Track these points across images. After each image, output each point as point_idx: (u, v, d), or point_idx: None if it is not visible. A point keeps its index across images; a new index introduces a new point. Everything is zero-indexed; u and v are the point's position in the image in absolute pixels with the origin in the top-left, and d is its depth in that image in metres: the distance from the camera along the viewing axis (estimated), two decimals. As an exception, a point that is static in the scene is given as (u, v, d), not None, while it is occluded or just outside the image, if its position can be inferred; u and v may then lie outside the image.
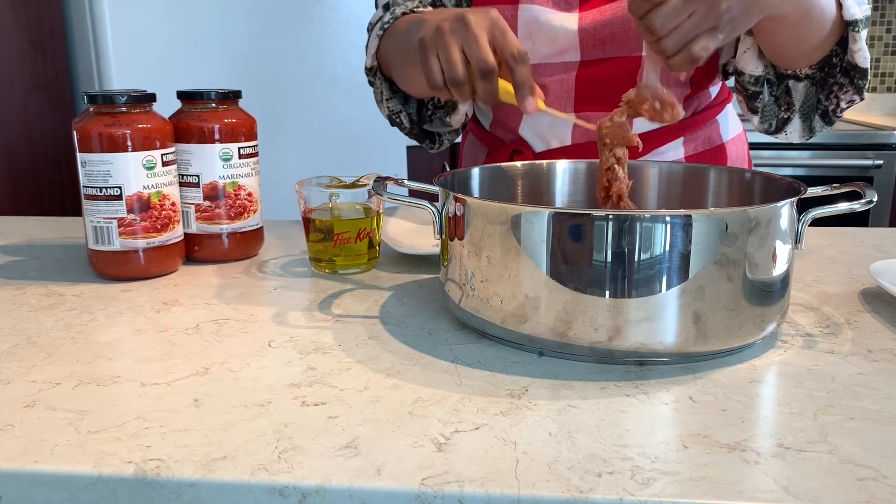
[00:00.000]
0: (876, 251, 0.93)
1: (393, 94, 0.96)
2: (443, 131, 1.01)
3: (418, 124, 1.00)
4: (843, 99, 0.88)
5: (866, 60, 0.84)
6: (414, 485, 0.42)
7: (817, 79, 0.90)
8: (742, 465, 0.44)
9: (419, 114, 0.99)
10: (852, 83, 0.87)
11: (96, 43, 1.72)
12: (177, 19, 1.80)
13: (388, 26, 0.90)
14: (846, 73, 0.87)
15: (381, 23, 0.91)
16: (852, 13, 0.82)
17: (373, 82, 0.96)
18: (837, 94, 0.89)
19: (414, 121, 0.99)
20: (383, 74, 0.95)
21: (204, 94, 0.86)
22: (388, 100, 0.96)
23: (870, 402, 0.52)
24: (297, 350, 0.62)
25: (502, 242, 0.58)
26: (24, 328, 0.68)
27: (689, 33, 0.67)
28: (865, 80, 0.86)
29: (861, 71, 0.85)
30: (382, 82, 0.95)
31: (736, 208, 0.55)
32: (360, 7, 2.05)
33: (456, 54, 0.68)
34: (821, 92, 0.91)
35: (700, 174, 0.77)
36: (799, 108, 0.92)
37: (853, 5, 0.82)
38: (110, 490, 0.44)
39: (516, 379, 0.56)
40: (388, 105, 0.97)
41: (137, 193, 0.79)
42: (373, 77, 0.95)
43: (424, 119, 1.00)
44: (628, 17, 0.90)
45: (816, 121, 0.92)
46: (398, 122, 0.98)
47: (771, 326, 0.60)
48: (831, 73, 0.89)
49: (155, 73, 1.78)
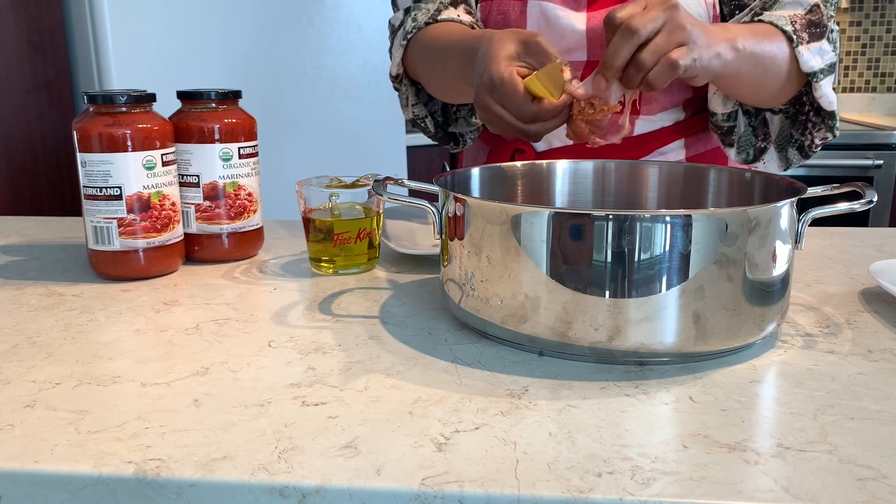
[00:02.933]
0: (876, 251, 0.93)
1: (417, 99, 0.99)
2: (466, 131, 1.03)
3: (443, 127, 1.03)
4: (816, 136, 0.92)
5: (831, 104, 0.88)
6: (414, 485, 0.42)
7: (790, 113, 0.93)
8: (742, 465, 0.44)
9: (444, 115, 1.02)
10: (824, 122, 0.90)
11: (96, 43, 1.72)
12: (177, 19, 1.80)
13: (411, 36, 0.92)
14: (818, 112, 0.90)
15: (404, 31, 0.93)
16: (811, 66, 0.85)
17: (398, 88, 0.99)
18: (812, 131, 0.92)
19: (439, 123, 1.02)
20: (409, 80, 0.97)
21: (204, 94, 0.86)
22: (413, 105, 0.99)
23: (870, 402, 0.52)
24: (297, 350, 0.62)
25: (502, 242, 0.58)
26: (24, 328, 0.68)
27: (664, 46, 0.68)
28: (835, 121, 0.90)
29: (828, 114, 0.89)
30: (408, 87, 0.98)
31: (736, 208, 0.55)
32: (360, 7, 2.05)
33: (507, 117, 0.73)
34: (793, 127, 0.94)
35: (700, 174, 0.77)
36: (775, 140, 0.95)
37: (811, 58, 0.84)
38: (110, 490, 0.44)
39: (516, 379, 0.56)
40: (414, 110, 1.00)
41: (137, 193, 0.79)
42: (398, 83, 0.97)
43: (450, 121, 1.03)
44: None
45: (793, 153, 0.95)
46: (423, 126, 1.01)
47: (771, 326, 0.60)
48: (802, 111, 0.92)
49: (155, 73, 1.78)
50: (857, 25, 2.77)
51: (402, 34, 0.94)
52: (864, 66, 2.80)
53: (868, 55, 2.79)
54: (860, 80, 2.82)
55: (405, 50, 0.95)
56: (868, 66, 2.80)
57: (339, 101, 2.08)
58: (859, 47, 2.79)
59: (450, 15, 0.94)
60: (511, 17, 0.95)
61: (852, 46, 2.79)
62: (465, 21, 0.93)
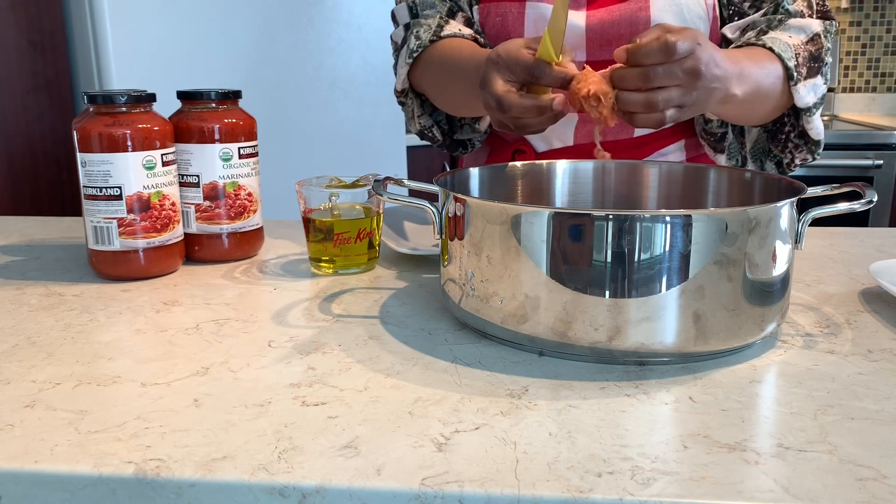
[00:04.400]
0: (876, 251, 0.93)
1: (423, 110, 1.00)
2: (472, 136, 1.05)
3: (450, 135, 1.04)
4: (797, 156, 0.93)
5: (819, 135, 0.89)
6: (414, 485, 0.42)
7: (768, 128, 0.94)
8: (742, 465, 0.44)
9: (450, 124, 1.04)
10: (807, 146, 0.92)
11: (96, 43, 1.72)
12: (177, 19, 1.80)
13: (416, 55, 0.94)
14: (801, 135, 0.91)
15: (409, 50, 0.95)
16: (805, 102, 0.85)
17: (404, 102, 1.00)
18: (793, 152, 0.93)
19: (445, 132, 1.03)
20: (414, 93, 0.98)
21: (204, 94, 0.86)
22: (419, 116, 1.01)
23: (870, 402, 0.52)
24: (297, 350, 0.62)
25: (502, 242, 0.58)
26: (24, 328, 0.68)
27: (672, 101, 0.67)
28: (819, 148, 0.92)
29: (815, 142, 0.91)
30: (414, 100, 0.99)
31: (736, 208, 0.55)
32: (360, 7, 2.05)
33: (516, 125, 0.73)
34: (771, 142, 0.94)
35: (700, 174, 0.77)
36: (750, 150, 0.96)
37: (806, 94, 0.85)
38: (110, 490, 0.44)
39: (516, 379, 0.56)
40: (420, 121, 1.01)
41: (137, 193, 0.79)
42: (404, 98, 0.99)
43: (455, 129, 1.04)
44: (635, 18, 0.90)
45: (770, 167, 0.96)
46: (430, 136, 1.03)
47: (771, 326, 0.60)
48: (782, 130, 0.92)
49: (155, 73, 1.78)
50: (857, 25, 2.77)
51: (406, 53, 0.95)
52: (864, 66, 2.80)
53: (868, 55, 2.79)
54: (860, 80, 2.82)
55: (410, 67, 0.96)
56: (868, 66, 2.80)
57: (339, 101, 2.08)
58: (859, 47, 2.79)
59: (452, 30, 0.94)
60: (509, 19, 0.95)
61: (852, 46, 2.79)
62: (466, 35, 0.94)
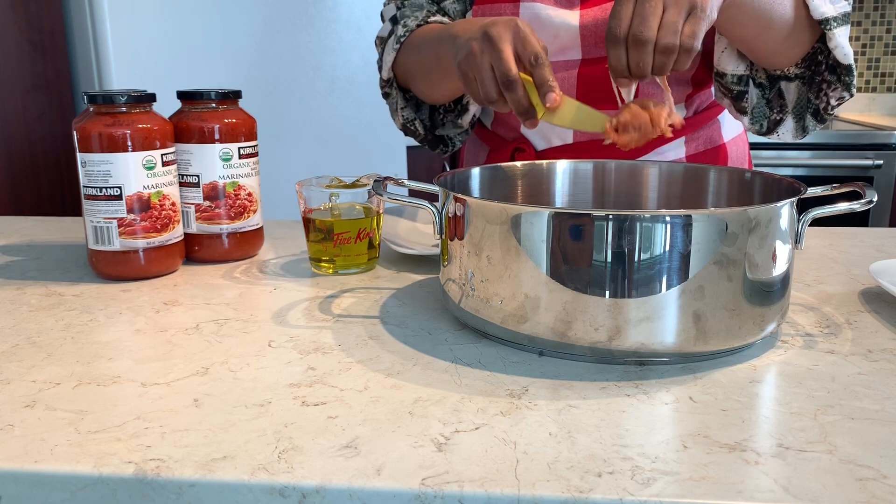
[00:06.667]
0: (876, 251, 0.93)
1: (406, 103, 0.99)
2: (454, 133, 1.04)
3: (431, 130, 1.03)
4: (832, 96, 0.88)
5: (847, 57, 0.83)
6: (414, 485, 0.42)
7: (806, 77, 0.90)
8: (742, 465, 0.44)
9: (431, 119, 1.03)
10: (840, 80, 0.86)
11: (96, 43, 1.72)
12: (177, 19, 1.80)
13: (404, 39, 0.93)
14: (832, 70, 0.87)
15: (396, 36, 0.94)
16: (822, 12, 0.81)
17: (389, 93, 1.00)
18: (826, 92, 0.88)
19: (427, 127, 1.02)
20: (398, 85, 0.98)
21: (204, 94, 0.86)
22: (402, 109, 1.00)
23: (870, 402, 0.52)
24: (297, 350, 0.62)
25: (502, 242, 0.58)
26: (24, 328, 0.68)
27: (673, 25, 0.67)
28: (852, 77, 0.85)
29: (845, 68, 0.85)
30: (398, 92, 0.98)
31: (736, 208, 0.55)
32: (360, 7, 2.05)
33: (488, 72, 0.72)
34: (810, 90, 0.91)
35: (700, 174, 0.77)
36: (792, 109, 0.92)
37: (822, 4, 0.81)
38: (110, 490, 0.44)
39: (516, 379, 0.56)
40: (403, 114, 1.00)
41: (137, 193, 0.79)
42: (389, 88, 0.98)
43: (437, 124, 1.03)
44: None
45: (809, 119, 0.92)
46: (412, 130, 1.02)
47: (771, 326, 0.60)
48: (818, 72, 0.89)
49: (155, 73, 1.78)
50: (857, 25, 2.77)
51: (394, 39, 0.95)
52: (864, 66, 2.80)
53: (868, 55, 2.79)
54: (860, 80, 2.81)
55: (397, 54, 0.95)
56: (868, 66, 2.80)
57: (339, 101, 2.07)
58: (859, 47, 2.79)
59: (440, 19, 0.95)
60: None
61: (852, 46, 2.79)
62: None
